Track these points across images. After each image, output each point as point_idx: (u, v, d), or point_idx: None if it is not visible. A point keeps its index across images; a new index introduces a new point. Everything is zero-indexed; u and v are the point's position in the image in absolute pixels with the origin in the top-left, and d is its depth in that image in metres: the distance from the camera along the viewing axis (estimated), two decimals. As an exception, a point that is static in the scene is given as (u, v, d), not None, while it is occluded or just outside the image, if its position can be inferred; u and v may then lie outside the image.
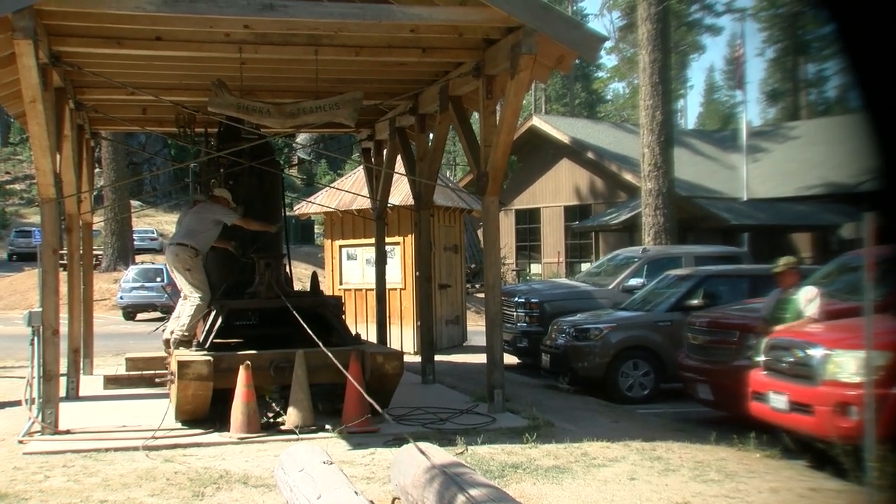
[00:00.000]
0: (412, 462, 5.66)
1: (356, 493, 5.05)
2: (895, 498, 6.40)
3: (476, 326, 19.67)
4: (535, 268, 34.26)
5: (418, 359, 13.35)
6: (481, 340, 11.35)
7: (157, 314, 25.32)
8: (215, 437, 8.88)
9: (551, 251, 33.48)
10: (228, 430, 8.91)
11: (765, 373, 8.51)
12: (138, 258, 34.88)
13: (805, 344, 8.03)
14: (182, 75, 11.68)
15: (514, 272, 34.15)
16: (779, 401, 8.08)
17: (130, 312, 26.62)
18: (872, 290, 6.92)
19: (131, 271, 27.68)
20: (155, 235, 41.95)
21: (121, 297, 26.54)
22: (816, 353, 7.77)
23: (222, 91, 9.78)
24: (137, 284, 26.42)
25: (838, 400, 7.31)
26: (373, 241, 15.58)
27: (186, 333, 9.98)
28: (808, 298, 8.95)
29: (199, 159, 14.10)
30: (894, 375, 6.99)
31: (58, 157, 9.78)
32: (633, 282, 14.91)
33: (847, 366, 7.36)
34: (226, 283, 10.79)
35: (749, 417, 8.63)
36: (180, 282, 10.34)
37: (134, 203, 41.21)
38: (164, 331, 11.26)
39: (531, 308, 14.84)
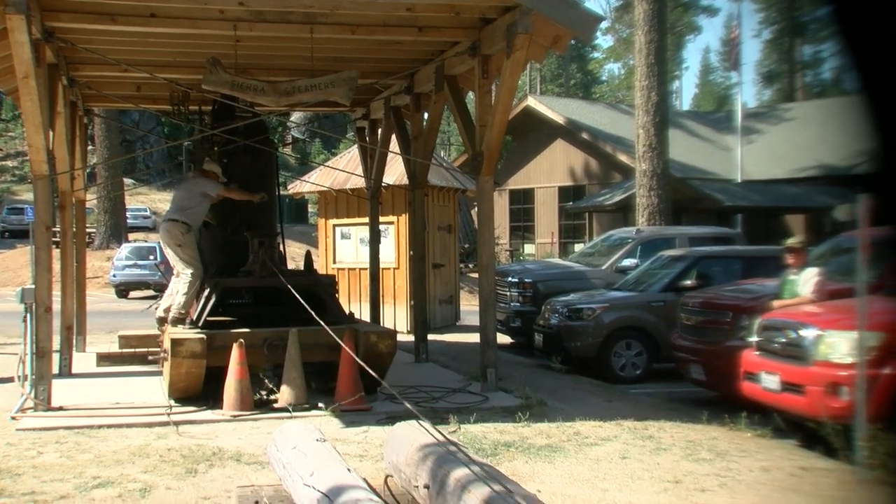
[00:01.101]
0: (405, 440, 5.67)
1: (349, 470, 5.06)
2: (885, 476, 6.46)
3: (469, 306, 19.67)
4: (529, 248, 34.28)
5: (411, 338, 13.36)
6: (474, 320, 11.36)
7: (150, 292, 25.31)
8: (208, 414, 8.89)
9: (545, 232, 33.48)
10: (221, 408, 8.92)
11: (757, 353, 8.55)
12: (131, 236, 34.80)
13: (798, 325, 8.06)
14: (176, 52, 11.61)
15: (508, 252, 34.16)
16: (771, 381, 8.12)
17: (123, 290, 26.59)
18: (866, 271, 6.95)
19: (124, 249, 27.62)
20: (148, 213, 41.82)
21: (114, 275, 26.49)
22: (809, 333, 7.81)
23: (217, 69, 9.72)
24: (130, 262, 26.37)
25: (830, 380, 7.35)
26: (367, 220, 15.56)
27: (182, 311, 9.97)
28: (807, 279, 8.99)
29: (192, 137, 14.05)
30: (886, 356, 7.03)
31: (50, 133, 9.73)
32: (627, 262, 14.94)
33: (839, 346, 7.40)
34: (219, 262, 10.78)
35: (741, 397, 8.67)
36: (172, 258, 10.33)
37: (127, 181, 41.05)
38: (156, 308, 11.26)
39: (524, 288, 14.86)
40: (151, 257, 25.74)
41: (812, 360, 7.64)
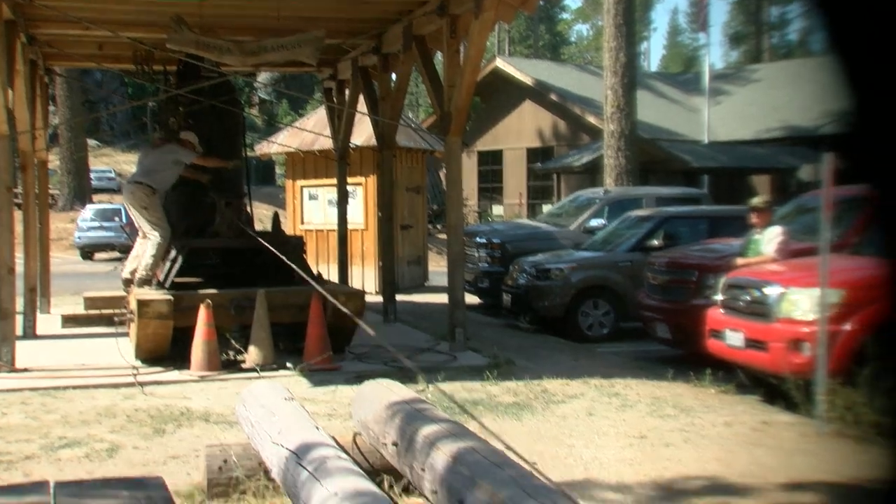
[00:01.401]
0: (373, 398, 5.70)
1: (317, 428, 5.08)
2: (843, 429, 6.61)
3: (438, 267, 19.70)
4: (497, 209, 34.30)
5: (380, 299, 13.38)
6: (443, 281, 11.40)
7: (116, 254, 25.07)
8: (176, 375, 8.88)
9: (513, 193, 33.51)
10: (189, 369, 8.90)
11: (722, 311, 8.65)
12: (96, 198, 34.38)
13: (761, 283, 8.17)
14: (140, 10, 11.39)
15: (477, 213, 34.19)
16: (735, 338, 8.24)
17: (88, 252, 26.33)
18: (828, 230, 7.04)
19: (88, 211, 27.30)
20: (112, 175, 41.27)
21: (78, 237, 26.21)
22: (772, 291, 7.91)
23: (181, 27, 9.57)
24: (95, 224, 26.09)
25: (792, 337, 7.46)
26: (335, 181, 15.48)
27: (148, 272, 9.91)
28: (770, 238, 9.09)
29: (157, 98, 13.84)
30: (846, 313, 7.15)
31: (9, 92, 9.55)
32: (595, 223, 15.00)
33: (801, 304, 7.51)
34: (186, 223, 10.69)
35: (706, 355, 8.79)
36: (138, 220, 10.24)
37: (90, 142, 40.45)
38: (122, 270, 11.17)
39: (493, 248, 14.89)
40: (116, 219, 25.48)
41: (775, 317, 7.75)
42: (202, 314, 8.85)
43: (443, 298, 11.08)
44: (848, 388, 6.73)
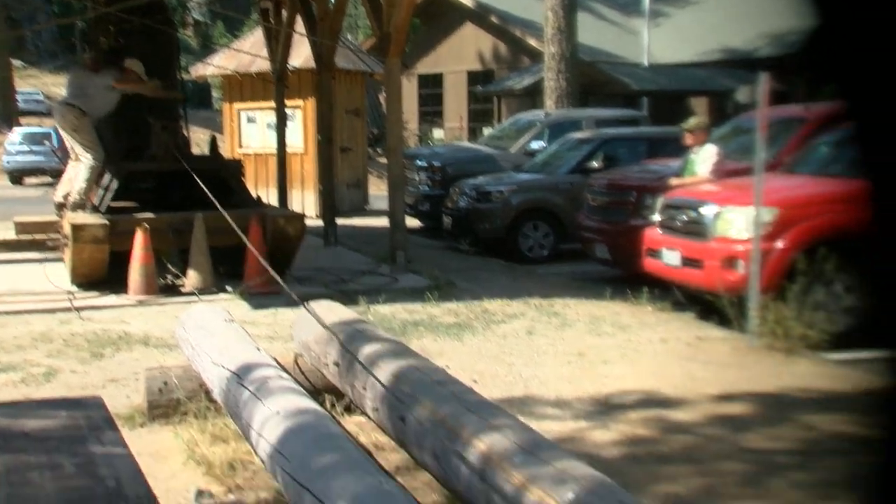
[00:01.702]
0: (315, 319, 5.70)
1: (258, 349, 5.08)
2: (772, 343, 6.80)
3: (378, 191, 19.60)
4: (438, 133, 34.09)
5: (320, 223, 13.30)
6: (383, 205, 11.35)
7: (47, 178, 24.46)
8: (113, 299, 8.76)
9: (454, 116, 33.30)
10: (126, 294, 8.79)
11: (659, 231, 8.78)
12: (24, 121, 33.33)
13: (698, 203, 8.28)
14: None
15: (417, 137, 33.97)
16: (672, 257, 8.38)
17: (17, 177, 25.64)
18: (763, 150, 7.14)
19: (16, 134, 26.51)
20: (41, 98, 39.96)
21: (7, 162, 25.50)
22: (708, 211, 8.04)
23: (107, -61, 9.19)
24: (24, 148, 25.38)
25: (727, 255, 7.61)
26: (273, 104, 15.20)
27: (82, 196, 9.69)
28: (705, 158, 9.20)
29: (84, 17, 13.36)
30: (779, 231, 7.30)
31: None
32: (535, 145, 15.01)
33: (736, 223, 7.64)
34: (121, 147, 10.44)
35: (644, 274, 8.93)
36: (70, 143, 9.97)
37: (15, 62, 39.03)
38: (54, 194, 10.90)
39: (433, 171, 14.84)
40: (46, 143, 24.80)
41: (711, 236, 7.89)
42: (139, 238, 8.71)
43: (383, 222, 11.05)
44: (778, 303, 6.92)
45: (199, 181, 9.12)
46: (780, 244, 7.28)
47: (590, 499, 2.77)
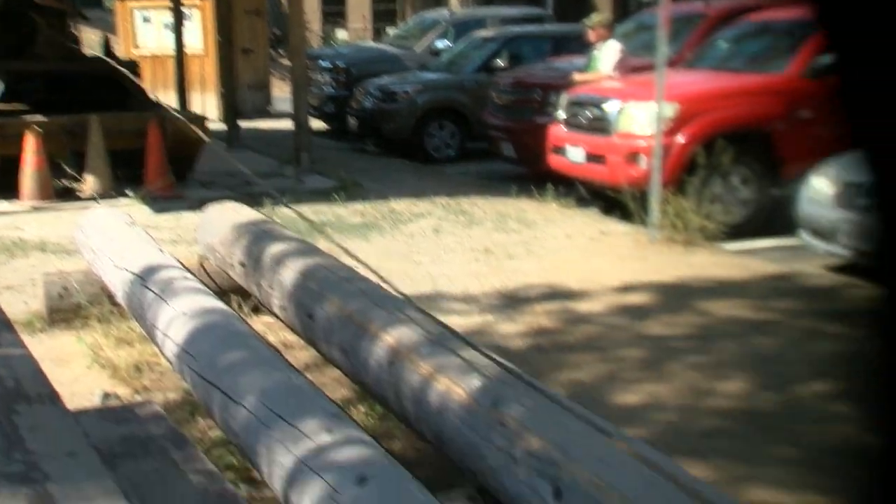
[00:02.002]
0: (219, 221, 5.60)
1: (161, 251, 4.99)
2: (672, 235, 7.01)
3: (281, 93, 19.15)
4: (341, 34, 33.35)
5: (223, 126, 12.98)
6: (287, 107, 11.15)
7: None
8: (5, 205, 8.45)
9: (357, 16, 32.58)
10: (19, 199, 8.49)
11: (564, 128, 8.84)
12: None
13: (601, 99, 8.35)
14: None
15: (320, 38, 33.16)
16: (576, 154, 8.47)
17: None
18: (665, 46, 7.20)
19: None
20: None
21: None
22: (611, 107, 8.11)
23: None
24: None
25: (629, 150, 7.73)
26: (169, 3, 14.58)
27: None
28: (608, 54, 9.24)
29: None
30: (680, 126, 7.43)
31: None
32: (440, 44, 14.83)
33: (639, 118, 7.74)
34: (3, 45, 9.91)
35: (549, 171, 9.02)
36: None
37: None
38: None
39: (337, 72, 14.56)
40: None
41: (614, 132, 7.99)
42: (30, 142, 8.37)
43: (287, 124, 10.87)
44: (678, 197, 7.09)
45: (101, 77, 8.78)
46: (680, 139, 7.43)
47: (496, 385, 2.83)
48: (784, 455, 3.63)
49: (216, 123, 13.88)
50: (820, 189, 6.31)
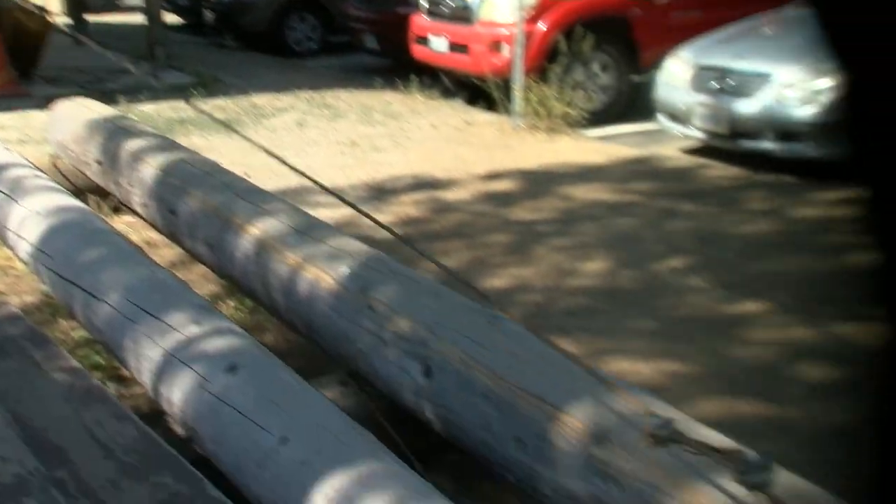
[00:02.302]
0: (71, 118, 5.34)
1: (8, 150, 4.74)
2: (535, 122, 7.11)
3: (131, -15, 18.19)
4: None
5: (68, 21, 12.25)
6: (138, 0, 10.59)
7: None
8: None
9: None
10: None
11: (427, 18, 8.73)
12: None
13: (463, -13, 8.27)
14: None
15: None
16: (439, 44, 8.41)
17: None
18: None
19: None
20: None
21: None
22: (473, -5, 8.05)
23: None
24: None
25: (492, 39, 7.73)
26: None
27: None
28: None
29: None
30: (540, 13, 7.46)
31: None
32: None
33: (500, 6, 7.72)
34: None
35: (412, 62, 8.94)
36: None
37: None
38: None
39: (190, -39, 13.89)
40: None
41: (476, 20, 7.95)
42: None
43: (140, 18, 10.34)
44: (541, 84, 7.17)
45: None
46: (541, 26, 7.46)
47: (364, 271, 2.85)
48: (643, 328, 3.81)
49: (60, 17, 13.09)
50: (675, 73, 6.49)
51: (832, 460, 2.80)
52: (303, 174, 3.36)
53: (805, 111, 5.66)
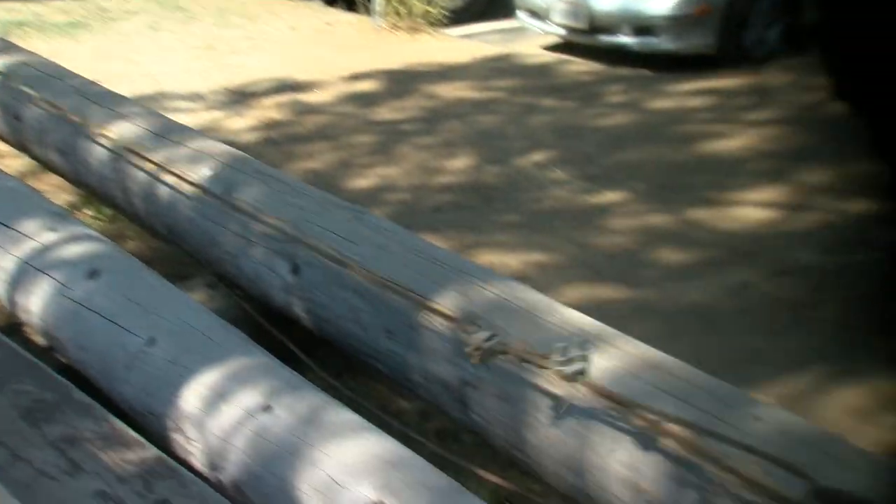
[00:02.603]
0: None
1: None
2: (396, 23, 7.03)
3: None
4: None
5: None
6: None
7: None
8: None
9: None
10: None
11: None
12: None
13: None
14: None
15: None
16: (295, -58, 8.14)
17: None
18: None
19: None
20: None
21: None
22: None
23: None
24: None
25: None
26: None
27: None
28: None
29: None
30: None
31: None
32: None
33: None
34: None
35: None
36: None
37: None
38: None
39: None
40: None
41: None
42: None
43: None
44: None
45: None
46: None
47: (227, 172, 2.80)
48: (508, 221, 3.90)
49: None
50: (535, -30, 6.49)
51: (690, 334, 2.99)
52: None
53: (660, 6, 5.78)
